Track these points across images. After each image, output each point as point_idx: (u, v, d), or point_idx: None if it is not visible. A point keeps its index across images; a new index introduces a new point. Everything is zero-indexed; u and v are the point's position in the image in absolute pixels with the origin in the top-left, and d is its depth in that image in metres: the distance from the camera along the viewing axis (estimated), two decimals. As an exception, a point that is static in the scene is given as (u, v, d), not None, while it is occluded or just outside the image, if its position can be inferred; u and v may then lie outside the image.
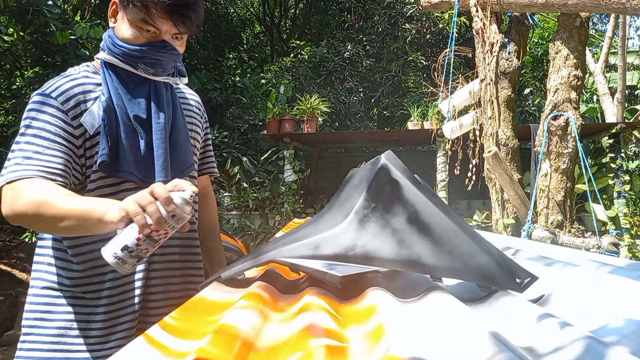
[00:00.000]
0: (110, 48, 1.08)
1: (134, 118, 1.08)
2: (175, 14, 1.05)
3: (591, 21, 9.36)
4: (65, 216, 0.91)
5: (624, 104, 6.67)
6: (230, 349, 0.52)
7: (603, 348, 0.50)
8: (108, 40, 1.09)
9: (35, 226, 1.00)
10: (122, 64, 1.08)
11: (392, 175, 0.80)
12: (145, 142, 1.09)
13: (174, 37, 1.09)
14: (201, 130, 1.32)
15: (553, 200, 3.33)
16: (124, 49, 1.06)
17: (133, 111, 1.08)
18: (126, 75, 1.09)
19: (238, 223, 6.29)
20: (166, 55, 1.09)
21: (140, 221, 0.84)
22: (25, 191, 0.95)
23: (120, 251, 0.86)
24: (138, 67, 1.08)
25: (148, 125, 1.10)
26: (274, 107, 6.24)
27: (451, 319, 0.61)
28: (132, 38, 1.06)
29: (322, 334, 0.56)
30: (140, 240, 0.85)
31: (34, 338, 1.05)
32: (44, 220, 0.93)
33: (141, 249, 0.87)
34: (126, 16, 1.06)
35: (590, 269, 1.04)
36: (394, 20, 9.00)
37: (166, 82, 1.16)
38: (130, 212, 0.85)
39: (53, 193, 0.95)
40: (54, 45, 4.98)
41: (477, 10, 3.59)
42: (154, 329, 0.62)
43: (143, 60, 1.07)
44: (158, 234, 0.87)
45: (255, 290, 0.77)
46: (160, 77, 1.13)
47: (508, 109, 3.61)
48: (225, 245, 4.33)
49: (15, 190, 0.95)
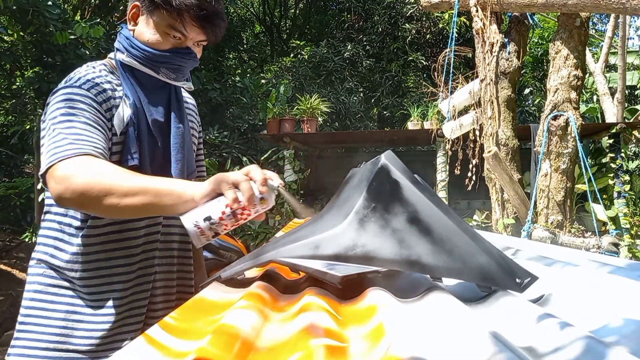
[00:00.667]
0: (130, 50, 1.07)
1: (152, 122, 1.08)
2: (205, 22, 1.06)
3: (591, 21, 9.35)
4: (139, 192, 0.87)
5: (624, 104, 6.67)
6: (230, 349, 0.52)
7: (603, 348, 0.50)
8: (126, 41, 1.08)
9: (95, 205, 0.90)
10: (142, 67, 1.07)
11: (392, 175, 0.80)
12: (162, 146, 1.09)
13: (196, 44, 1.11)
14: (197, 134, 1.33)
15: (553, 200, 3.33)
16: (148, 53, 1.06)
17: (152, 115, 1.08)
18: (145, 78, 1.09)
19: (238, 223, 6.29)
20: (189, 62, 1.10)
21: (231, 195, 0.86)
22: (86, 167, 0.89)
23: (202, 221, 0.86)
24: (160, 71, 1.09)
25: (165, 129, 1.10)
26: (274, 107, 6.25)
27: (451, 319, 0.61)
28: (157, 42, 1.06)
29: (322, 334, 0.56)
30: (225, 214, 0.87)
31: (33, 336, 1.02)
32: (112, 195, 0.87)
33: (222, 224, 0.88)
34: (152, 20, 1.06)
35: (590, 269, 1.04)
36: (394, 20, 9.00)
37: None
38: (223, 186, 0.87)
39: (119, 169, 0.91)
40: (54, 45, 4.98)
41: (477, 10, 3.59)
42: (154, 329, 0.62)
43: (166, 66, 1.08)
44: (242, 212, 0.89)
45: (255, 290, 0.77)
46: (179, 82, 1.14)
47: (508, 109, 3.61)
48: (225, 245, 4.33)
49: (72, 167, 0.89)
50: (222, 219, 0.87)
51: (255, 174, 0.89)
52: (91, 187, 0.87)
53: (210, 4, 1.06)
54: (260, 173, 0.89)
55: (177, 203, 0.88)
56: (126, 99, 1.06)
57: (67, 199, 0.89)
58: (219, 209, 0.87)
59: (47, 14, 4.68)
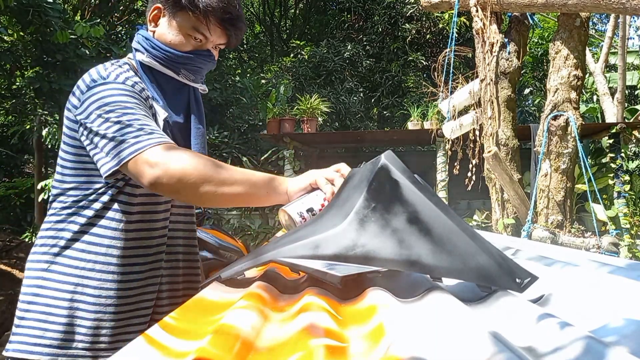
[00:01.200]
0: (150, 51, 1.07)
1: (173, 123, 1.08)
2: (229, 25, 1.08)
3: (591, 21, 9.36)
4: (237, 181, 0.90)
5: (624, 104, 6.67)
6: (230, 349, 0.52)
7: (603, 348, 0.50)
8: (146, 42, 1.08)
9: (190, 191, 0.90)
10: (163, 68, 1.08)
11: (392, 175, 0.80)
12: (182, 147, 1.07)
13: (215, 47, 1.12)
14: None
15: (553, 200, 3.33)
16: (169, 54, 1.06)
17: (172, 117, 1.09)
18: (164, 79, 1.10)
19: (238, 223, 6.30)
20: (209, 64, 1.12)
21: (330, 191, 0.93)
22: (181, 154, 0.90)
23: (306, 212, 0.95)
24: (180, 72, 1.10)
25: (185, 130, 1.11)
26: (274, 107, 6.25)
27: (451, 319, 0.61)
28: (179, 44, 1.07)
29: (322, 334, 0.56)
30: (323, 206, 0.95)
31: (34, 332, 0.99)
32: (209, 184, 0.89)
33: (317, 214, 0.95)
34: (175, 22, 1.07)
35: (590, 269, 1.04)
36: (394, 20, 9.01)
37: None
38: (321, 182, 0.95)
39: (213, 160, 0.93)
40: (54, 45, 4.98)
41: (477, 10, 3.59)
42: (154, 329, 0.62)
43: (186, 67, 1.09)
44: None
45: (255, 290, 0.77)
46: (197, 83, 1.15)
47: (508, 109, 3.61)
48: (225, 245, 4.33)
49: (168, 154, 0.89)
50: (320, 210, 0.95)
51: (345, 171, 0.96)
52: (190, 173, 0.88)
53: (235, 8, 1.07)
54: (348, 169, 0.97)
55: (272, 195, 0.95)
56: (154, 101, 1.06)
57: (163, 184, 0.89)
58: (318, 202, 0.96)
59: (49, 10, 4.68)
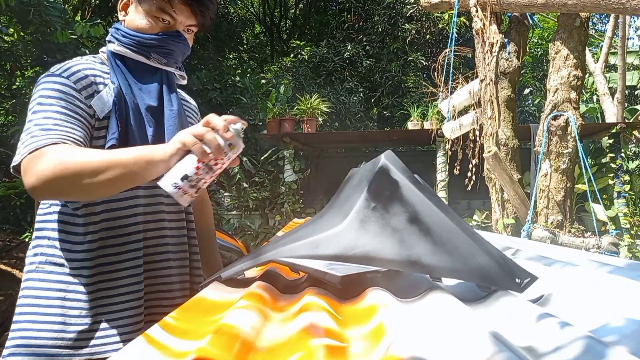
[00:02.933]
0: (120, 40, 1.08)
1: (145, 107, 1.07)
2: (194, 3, 1.08)
3: (591, 21, 9.36)
4: (108, 167, 0.86)
5: (623, 104, 6.67)
6: (230, 349, 0.52)
7: (603, 348, 0.50)
8: (116, 32, 1.09)
9: (70, 189, 0.90)
10: (134, 54, 1.08)
11: (392, 175, 0.80)
12: (154, 130, 1.07)
13: (187, 29, 1.12)
14: None
15: (553, 200, 3.33)
16: (137, 38, 1.07)
17: (144, 100, 1.07)
18: (136, 65, 1.09)
19: (238, 223, 6.29)
20: (179, 45, 1.11)
21: (199, 150, 0.86)
22: (54, 154, 0.88)
23: (180, 180, 0.87)
24: (151, 56, 1.09)
25: (159, 113, 1.09)
26: (274, 107, 6.25)
27: (451, 319, 0.61)
28: (147, 27, 1.07)
29: (322, 334, 0.56)
30: (200, 169, 0.87)
31: (28, 334, 0.99)
32: (83, 176, 0.86)
33: (200, 178, 0.89)
34: (141, 7, 1.08)
35: (590, 269, 1.04)
36: (394, 21, 9.01)
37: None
38: (188, 142, 0.86)
39: (86, 150, 0.91)
40: (54, 45, 4.98)
41: (477, 11, 3.59)
42: (154, 328, 0.62)
43: (156, 50, 1.09)
44: (216, 162, 0.89)
45: (255, 290, 0.77)
46: (170, 67, 1.14)
47: (508, 109, 3.61)
48: (225, 245, 4.33)
49: (41, 157, 0.88)
50: (198, 174, 0.88)
51: (215, 122, 0.88)
52: (60, 172, 0.86)
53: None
54: (220, 119, 0.89)
55: (148, 168, 0.88)
56: (111, 84, 1.06)
57: (40, 190, 0.88)
58: (191, 165, 0.87)
59: (49, 9, 4.68)
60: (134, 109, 1.06)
